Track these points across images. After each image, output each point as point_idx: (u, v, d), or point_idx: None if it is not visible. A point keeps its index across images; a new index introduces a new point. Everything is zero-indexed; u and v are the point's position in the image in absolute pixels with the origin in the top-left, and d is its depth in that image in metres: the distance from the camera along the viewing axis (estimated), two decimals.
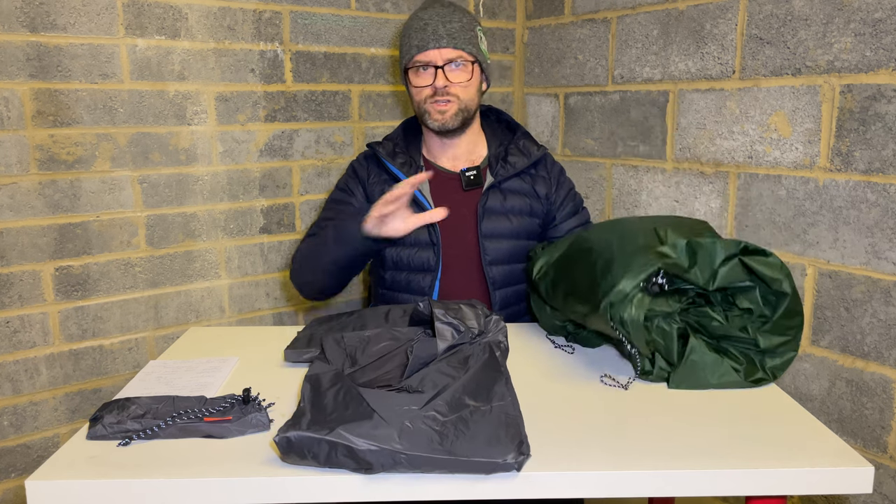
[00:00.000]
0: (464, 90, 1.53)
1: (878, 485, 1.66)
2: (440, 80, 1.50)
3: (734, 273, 1.12)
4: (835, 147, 1.66)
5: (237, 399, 1.04)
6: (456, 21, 1.52)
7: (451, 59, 1.50)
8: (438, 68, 1.50)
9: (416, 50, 1.51)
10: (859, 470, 0.91)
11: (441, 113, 1.52)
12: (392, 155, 1.60)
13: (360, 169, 1.64)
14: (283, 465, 0.91)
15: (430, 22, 1.51)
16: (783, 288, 1.11)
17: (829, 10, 1.64)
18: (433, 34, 1.49)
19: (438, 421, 0.90)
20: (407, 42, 1.54)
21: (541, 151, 1.62)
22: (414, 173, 1.55)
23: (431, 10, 1.53)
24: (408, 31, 1.55)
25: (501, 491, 0.89)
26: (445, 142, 1.60)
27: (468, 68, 1.53)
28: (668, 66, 2.01)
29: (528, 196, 1.61)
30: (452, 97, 1.52)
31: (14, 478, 1.75)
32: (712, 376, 1.14)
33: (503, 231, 1.57)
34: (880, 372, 1.63)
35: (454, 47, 1.50)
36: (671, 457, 0.94)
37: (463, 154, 1.62)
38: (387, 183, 1.59)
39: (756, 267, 1.11)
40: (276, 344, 1.36)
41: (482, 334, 1.12)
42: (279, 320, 2.12)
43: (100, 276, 1.81)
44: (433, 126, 1.55)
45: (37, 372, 1.74)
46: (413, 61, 1.52)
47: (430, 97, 1.52)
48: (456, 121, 1.54)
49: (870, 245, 1.62)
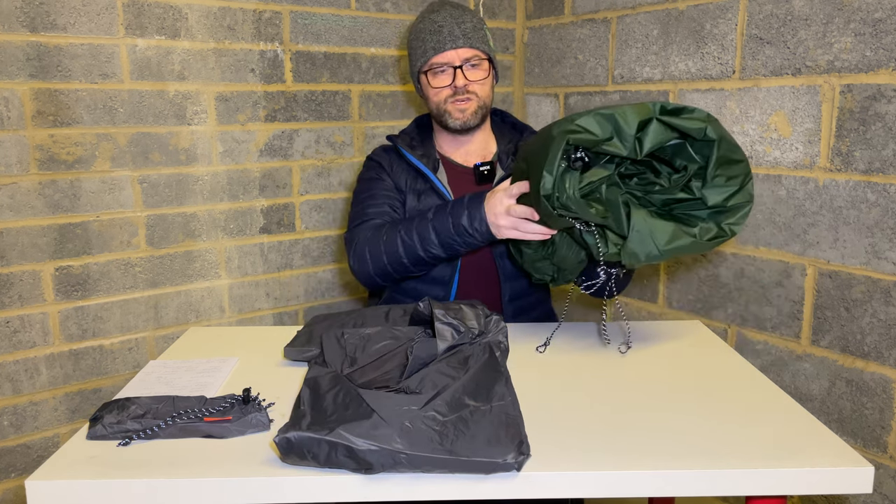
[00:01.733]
0: (482, 87, 1.57)
1: (878, 485, 1.66)
2: (460, 80, 1.53)
3: (659, 135, 1.10)
4: (835, 147, 1.66)
5: (237, 399, 1.04)
6: (468, 21, 1.56)
7: (468, 58, 1.54)
8: (457, 68, 1.53)
9: (432, 52, 1.54)
10: (859, 470, 0.91)
11: (462, 112, 1.56)
12: (411, 147, 1.63)
13: (381, 159, 1.66)
14: (283, 465, 0.91)
15: (445, 24, 1.54)
16: (709, 134, 1.09)
17: (829, 10, 1.64)
18: (449, 35, 1.53)
19: (438, 421, 0.90)
20: (421, 45, 1.56)
21: None
22: (432, 166, 1.60)
23: (444, 13, 1.56)
24: (420, 34, 1.57)
25: (501, 491, 0.89)
26: (459, 138, 1.63)
27: (484, 66, 1.57)
28: (668, 66, 2.01)
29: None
30: (472, 95, 1.55)
31: (14, 478, 1.75)
32: (661, 242, 1.11)
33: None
34: (880, 372, 1.63)
35: (470, 46, 1.53)
36: (671, 457, 0.94)
37: (476, 150, 1.66)
38: (407, 173, 1.61)
39: (677, 123, 1.10)
40: (276, 344, 1.36)
41: (482, 334, 1.12)
42: (279, 320, 2.12)
43: (100, 276, 1.81)
44: (454, 125, 1.58)
45: (37, 372, 1.74)
46: (430, 63, 1.55)
47: (451, 97, 1.55)
48: (476, 118, 1.57)
49: (870, 245, 1.62)
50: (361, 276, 1.52)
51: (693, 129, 1.09)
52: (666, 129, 1.10)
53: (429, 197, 1.58)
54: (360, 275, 1.51)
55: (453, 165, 1.64)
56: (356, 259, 1.50)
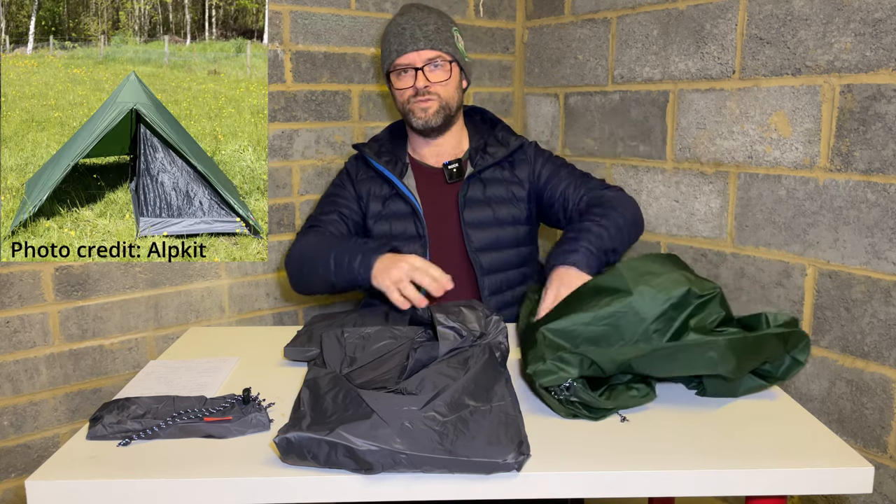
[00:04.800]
0: (444, 88, 1.59)
1: (878, 485, 1.66)
2: (420, 81, 1.57)
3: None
4: (835, 147, 1.66)
5: (237, 399, 1.04)
6: (432, 23, 1.59)
7: (430, 59, 1.57)
8: (418, 70, 1.57)
9: (395, 54, 1.58)
10: (859, 470, 0.91)
11: (423, 111, 1.59)
12: (378, 154, 1.66)
13: (351, 167, 1.72)
14: (283, 465, 0.91)
15: (408, 26, 1.58)
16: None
17: (829, 10, 1.64)
18: (411, 37, 1.56)
19: (438, 421, 0.90)
20: (387, 47, 1.61)
21: (518, 141, 1.67)
22: (398, 171, 1.64)
23: (408, 15, 1.60)
24: (387, 36, 1.62)
25: (501, 491, 0.89)
26: (429, 140, 1.66)
27: (446, 67, 1.60)
28: (668, 66, 2.01)
29: (508, 183, 1.65)
30: (433, 95, 1.58)
31: (14, 478, 1.75)
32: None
33: (486, 219, 1.62)
34: (880, 372, 1.63)
35: (431, 48, 1.57)
36: (671, 457, 0.93)
37: (446, 151, 1.68)
38: (373, 180, 1.66)
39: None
40: (276, 344, 1.36)
41: (482, 336, 1.12)
42: (279, 320, 2.12)
43: (100, 276, 1.81)
44: (417, 125, 1.61)
45: (37, 372, 1.74)
46: (394, 65, 1.59)
47: (413, 97, 1.59)
48: (438, 118, 1.60)
49: (870, 245, 1.62)
50: (289, 276, 1.62)
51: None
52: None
53: (394, 202, 1.62)
54: (289, 275, 1.62)
55: (423, 168, 1.67)
56: (287, 260, 1.62)
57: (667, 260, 1.17)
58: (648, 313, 1.07)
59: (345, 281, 1.45)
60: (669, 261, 1.16)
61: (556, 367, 1.03)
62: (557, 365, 1.03)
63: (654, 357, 1.05)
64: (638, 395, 1.08)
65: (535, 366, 1.05)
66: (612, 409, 1.06)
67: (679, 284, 1.09)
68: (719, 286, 1.12)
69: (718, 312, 1.08)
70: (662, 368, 1.07)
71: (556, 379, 1.03)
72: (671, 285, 1.09)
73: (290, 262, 1.60)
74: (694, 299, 1.08)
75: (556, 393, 1.04)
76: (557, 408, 1.05)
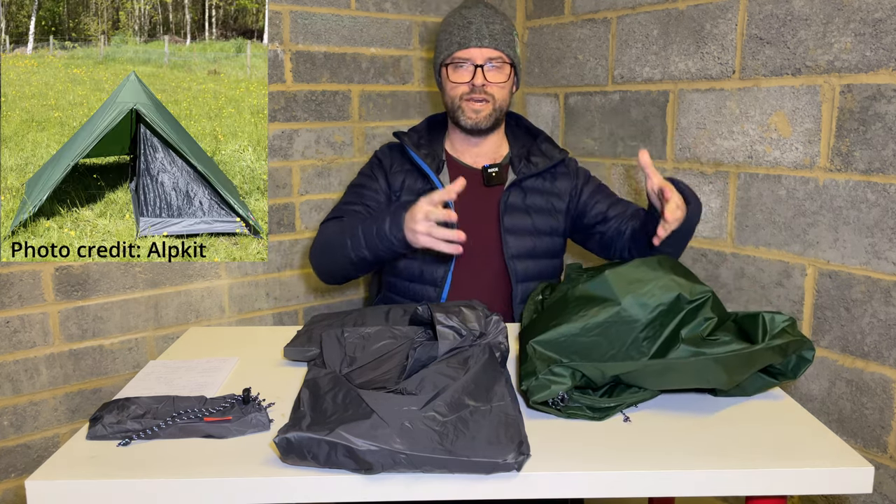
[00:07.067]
0: (499, 90, 1.57)
1: (878, 485, 1.66)
2: (479, 79, 1.54)
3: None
4: (835, 147, 1.66)
5: (237, 399, 1.04)
6: (498, 23, 1.56)
7: (491, 58, 1.54)
8: (478, 67, 1.53)
9: (457, 46, 1.54)
10: (859, 470, 0.91)
11: (476, 112, 1.56)
12: (417, 146, 1.62)
13: (384, 157, 1.67)
14: (283, 465, 0.91)
15: (475, 21, 1.54)
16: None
17: (829, 10, 1.64)
18: (476, 33, 1.53)
19: (438, 421, 0.90)
20: (448, 38, 1.57)
21: (562, 154, 1.66)
22: (435, 166, 1.59)
23: (476, 10, 1.57)
24: (449, 27, 1.57)
25: (501, 491, 0.89)
26: (472, 140, 1.64)
27: (505, 70, 1.57)
28: (668, 66, 2.01)
29: (549, 194, 1.64)
30: (488, 96, 1.56)
31: (14, 478, 1.75)
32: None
33: (525, 227, 1.60)
34: (880, 372, 1.63)
35: (495, 48, 1.54)
36: (671, 457, 0.93)
37: (486, 153, 1.66)
38: (409, 173, 1.62)
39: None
40: (276, 344, 1.36)
41: (482, 336, 1.12)
42: (279, 320, 2.12)
43: (100, 276, 1.81)
44: (466, 124, 1.58)
45: (37, 372, 1.74)
46: (453, 57, 1.55)
47: (466, 94, 1.56)
48: (489, 121, 1.58)
49: (870, 245, 1.62)
50: (315, 268, 1.59)
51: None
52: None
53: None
54: (314, 268, 1.59)
55: (460, 166, 1.64)
56: (311, 252, 1.58)
57: (657, 264, 1.16)
58: (637, 322, 1.07)
59: (378, 250, 1.40)
60: (660, 265, 1.16)
61: (548, 382, 1.03)
62: (549, 379, 1.03)
63: (646, 373, 1.05)
64: (640, 392, 1.08)
65: (527, 382, 1.05)
66: (615, 406, 1.06)
67: (669, 290, 1.09)
68: (711, 289, 1.12)
69: (711, 317, 1.09)
70: (654, 383, 1.08)
71: (549, 394, 1.03)
72: (660, 292, 1.09)
73: (316, 251, 1.56)
74: (685, 304, 1.09)
75: (553, 404, 1.05)
76: (558, 414, 1.06)
